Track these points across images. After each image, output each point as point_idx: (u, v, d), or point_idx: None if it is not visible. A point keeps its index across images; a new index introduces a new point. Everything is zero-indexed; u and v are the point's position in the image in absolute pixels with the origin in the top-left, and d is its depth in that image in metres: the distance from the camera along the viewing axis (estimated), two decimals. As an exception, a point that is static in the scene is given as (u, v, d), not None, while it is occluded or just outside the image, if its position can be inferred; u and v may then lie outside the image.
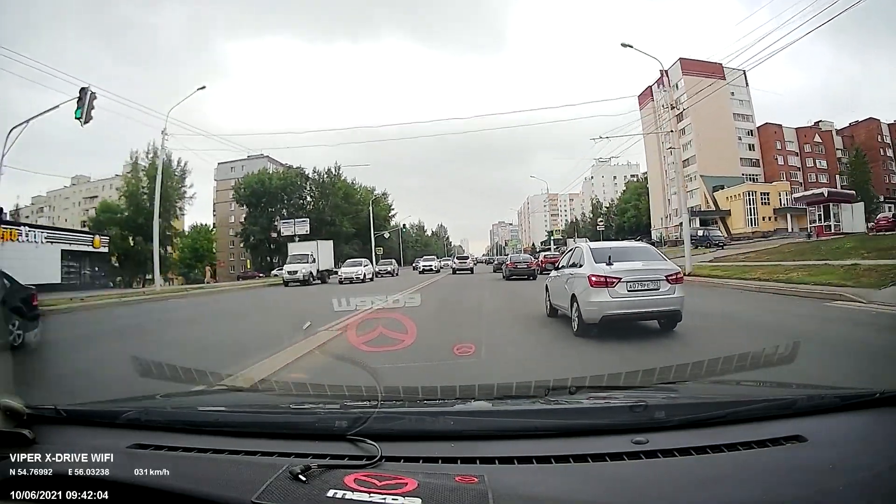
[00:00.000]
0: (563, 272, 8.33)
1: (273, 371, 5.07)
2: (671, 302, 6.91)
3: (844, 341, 6.23)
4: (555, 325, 8.47)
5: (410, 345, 2.89)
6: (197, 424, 1.57)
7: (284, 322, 10.52)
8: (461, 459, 1.26)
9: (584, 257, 7.54)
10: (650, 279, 6.93)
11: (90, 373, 5.74)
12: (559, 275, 8.60)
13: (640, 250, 8.19)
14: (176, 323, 12.31)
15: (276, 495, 1.10)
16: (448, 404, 1.82)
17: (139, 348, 7.21)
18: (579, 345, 6.72)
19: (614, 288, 6.79)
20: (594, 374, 3.48)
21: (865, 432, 1.36)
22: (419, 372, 3.96)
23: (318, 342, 6.02)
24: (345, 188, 63.06)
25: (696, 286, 13.45)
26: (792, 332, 6.73)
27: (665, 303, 6.90)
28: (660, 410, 1.47)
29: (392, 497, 1.06)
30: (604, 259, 7.13)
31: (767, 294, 12.52)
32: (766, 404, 1.52)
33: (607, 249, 7.65)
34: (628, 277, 6.84)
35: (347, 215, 60.08)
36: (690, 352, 5.84)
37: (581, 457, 1.25)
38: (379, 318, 3.18)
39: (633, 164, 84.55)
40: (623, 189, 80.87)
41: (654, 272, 7.02)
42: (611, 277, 6.82)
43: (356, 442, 1.34)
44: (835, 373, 4.39)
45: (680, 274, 7.23)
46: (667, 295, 6.90)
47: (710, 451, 1.25)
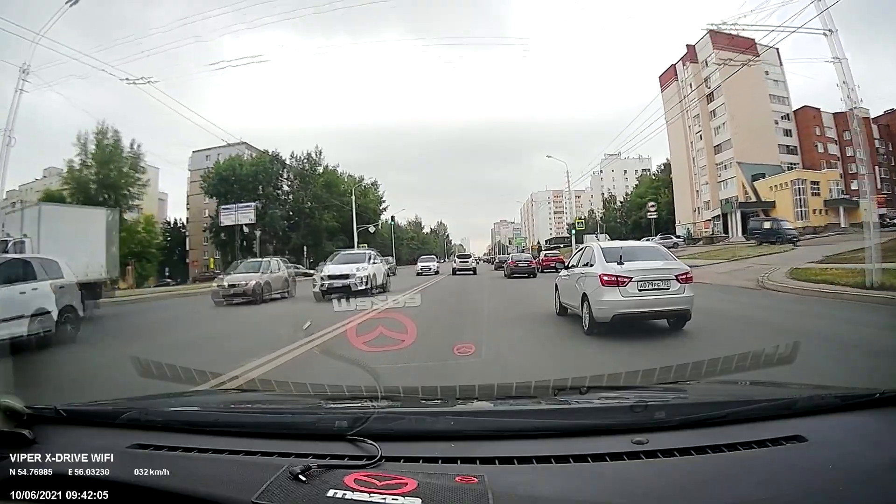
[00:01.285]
0: (574, 271, 8.41)
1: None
2: (681, 301, 7.01)
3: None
4: (557, 325, 8.50)
5: (410, 345, 2.89)
6: (197, 424, 1.57)
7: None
8: (461, 459, 1.26)
9: (595, 257, 7.64)
10: (660, 279, 7.04)
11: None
12: (569, 274, 8.67)
13: (650, 250, 8.33)
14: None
15: (276, 495, 1.10)
16: (448, 404, 1.82)
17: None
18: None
19: (625, 287, 6.90)
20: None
21: (865, 432, 1.36)
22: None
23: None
24: (327, 176, 54.77)
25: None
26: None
27: (675, 302, 6.99)
28: (660, 410, 1.47)
29: (392, 497, 1.06)
30: (615, 259, 7.24)
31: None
32: (767, 404, 1.52)
33: (618, 249, 7.75)
34: (639, 277, 6.95)
35: (330, 207, 52.59)
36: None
37: (581, 457, 1.25)
38: (379, 318, 3.18)
39: (645, 158, 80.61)
40: (636, 184, 76.17)
41: (664, 272, 7.13)
42: (622, 277, 6.93)
43: (356, 442, 1.34)
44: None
45: (689, 274, 7.34)
46: (677, 294, 7.00)
47: (710, 451, 1.25)
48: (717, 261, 23.05)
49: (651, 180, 69.43)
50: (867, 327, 7.21)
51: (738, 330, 7.53)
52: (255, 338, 8.21)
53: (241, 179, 51.45)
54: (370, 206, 56.54)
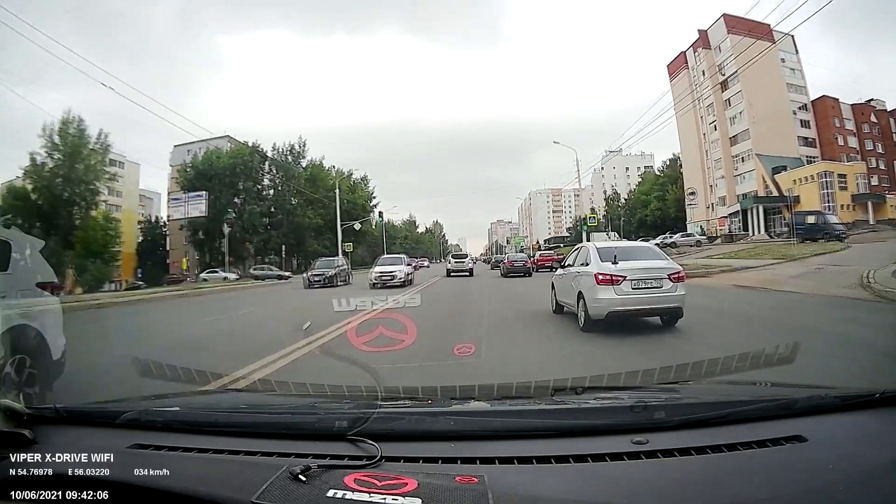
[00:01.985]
0: (570, 271, 8.62)
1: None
2: (673, 299, 7.22)
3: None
4: (555, 323, 8.58)
5: (410, 345, 2.89)
6: (197, 424, 1.57)
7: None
8: (461, 459, 1.27)
9: (591, 257, 7.85)
10: (653, 277, 7.25)
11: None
12: (565, 273, 8.89)
13: (644, 250, 8.57)
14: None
15: (276, 495, 1.10)
16: (448, 404, 1.82)
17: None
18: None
19: (619, 286, 7.11)
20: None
21: (865, 432, 1.36)
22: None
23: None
24: (312, 170, 51.46)
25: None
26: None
27: (667, 300, 7.20)
28: (660, 410, 1.47)
29: (392, 497, 1.06)
30: (609, 258, 7.45)
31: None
32: (766, 404, 1.52)
33: (613, 249, 7.97)
34: (633, 276, 7.17)
35: (314, 203, 49.05)
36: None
37: (581, 457, 1.25)
38: (379, 318, 3.18)
39: (648, 155, 79.20)
40: (639, 181, 73.01)
41: (657, 271, 7.33)
42: (616, 276, 7.14)
43: (356, 442, 1.34)
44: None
45: (682, 273, 7.52)
46: (669, 292, 7.21)
47: (710, 451, 1.25)
48: (765, 262, 20.16)
49: (656, 177, 67.41)
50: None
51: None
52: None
53: (219, 174, 47.39)
54: (359, 203, 53.16)
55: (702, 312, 8.36)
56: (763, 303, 10.78)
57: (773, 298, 11.42)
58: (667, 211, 58.87)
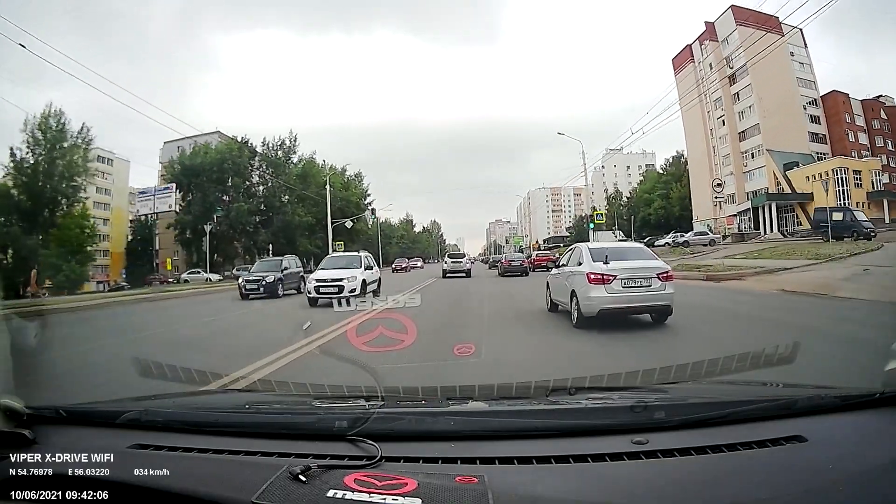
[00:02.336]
0: (564, 270, 8.92)
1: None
2: (662, 297, 7.45)
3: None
4: (551, 321, 8.73)
5: (410, 345, 2.89)
6: (197, 424, 1.57)
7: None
8: (461, 460, 1.27)
9: (584, 257, 8.12)
10: (643, 277, 7.48)
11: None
12: (559, 273, 9.17)
13: (634, 250, 8.91)
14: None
15: (276, 495, 1.10)
16: (448, 404, 1.82)
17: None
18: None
19: (610, 284, 7.35)
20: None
21: (865, 432, 1.36)
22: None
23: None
24: (304, 166, 49.37)
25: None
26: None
27: (656, 298, 7.44)
28: (660, 411, 1.47)
29: (392, 497, 1.06)
30: (601, 258, 7.70)
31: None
32: (766, 404, 1.52)
33: (605, 250, 8.21)
34: (623, 275, 7.41)
35: (305, 200, 46.85)
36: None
37: (581, 457, 1.25)
38: (379, 318, 3.18)
39: (649, 153, 78.72)
40: (640, 179, 72.19)
41: (646, 270, 7.56)
42: (607, 275, 7.39)
43: (356, 442, 1.34)
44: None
45: (670, 272, 7.75)
46: (658, 291, 7.44)
47: (710, 451, 1.25)
48: (801, 262, 17.86)
49: (658, 175, 66.45)
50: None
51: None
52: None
53: (207, 169, 44.76)
54: (353, 200, 50.65)
55: (773, 329, 6.85)
56: (835, 314, 8.41)
57: (846, 309, 8.89)
58: (671, 210, 58.46)
